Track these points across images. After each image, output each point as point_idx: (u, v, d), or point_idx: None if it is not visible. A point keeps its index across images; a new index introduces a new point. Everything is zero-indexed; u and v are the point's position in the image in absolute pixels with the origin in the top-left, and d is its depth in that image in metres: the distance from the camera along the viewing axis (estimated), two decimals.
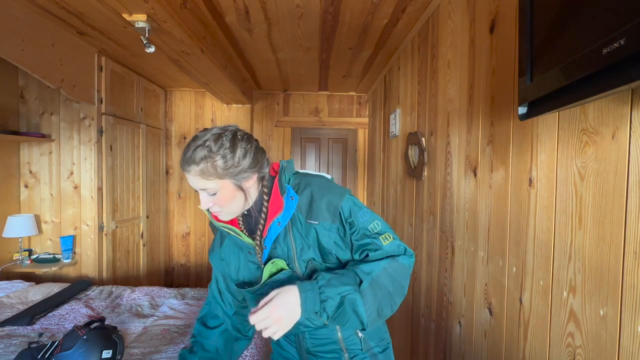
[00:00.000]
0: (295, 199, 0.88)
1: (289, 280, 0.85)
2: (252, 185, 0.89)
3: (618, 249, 0.68)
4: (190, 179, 0.84)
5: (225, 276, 1.02)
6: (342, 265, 0.90)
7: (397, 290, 0.83)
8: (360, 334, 0.97)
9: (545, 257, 0.91)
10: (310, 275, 0.88)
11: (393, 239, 0.87)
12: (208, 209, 0.89)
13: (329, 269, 0.88)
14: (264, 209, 0.91)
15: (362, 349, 0.96)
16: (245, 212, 0.95)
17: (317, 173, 0.98)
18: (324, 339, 0.96)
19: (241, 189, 0.87)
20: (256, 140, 0.91)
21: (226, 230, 0.91)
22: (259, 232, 0.90)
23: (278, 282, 0.86)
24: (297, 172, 0.97)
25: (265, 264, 0.90)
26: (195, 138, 0.84)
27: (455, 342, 1.47)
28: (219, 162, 0.81)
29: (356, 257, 0.88)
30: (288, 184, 0.92)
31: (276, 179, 0.91)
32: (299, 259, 0.89)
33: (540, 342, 0.93)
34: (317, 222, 0.87)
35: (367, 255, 0.86)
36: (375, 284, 0.81)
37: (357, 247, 0.87)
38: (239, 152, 0.84)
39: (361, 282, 0.80)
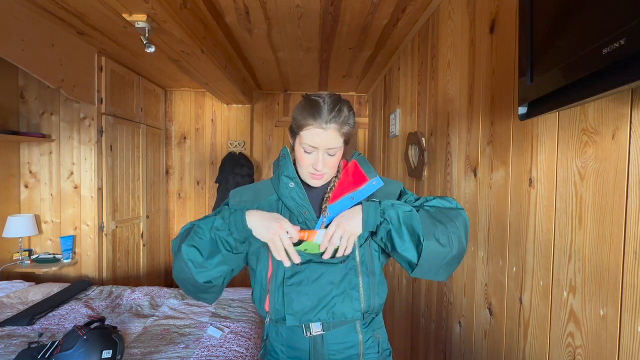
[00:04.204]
0: (378, 184, 0.91)
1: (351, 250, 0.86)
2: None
3: (618, 249, 0.68)
4: (323, 137, 0.83)
5: None
6: None
7: (452, 229, 0.81)
8: (378, 335, 0.95)
9: (545, 257, 0.91)
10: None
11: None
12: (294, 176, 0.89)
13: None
14: (332, 182, 0.93)
15: (378, 352, 0.94)
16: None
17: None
18: (343, 343, 0.90)
19: (341, 154, 0.89)
20: None
21: (291, 184, 0.89)
22: (325, 198, 0.91)
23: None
24: None
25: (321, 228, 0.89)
26: (327, 97, 0.84)
27: (455, 342, 1.47)
28: (351, 122, 0.86)
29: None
30: None
31: (354, 161, 0.94)
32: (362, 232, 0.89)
33: (540, 342, 0.93)
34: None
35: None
36: (429, 213, 0.83)
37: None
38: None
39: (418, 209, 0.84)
